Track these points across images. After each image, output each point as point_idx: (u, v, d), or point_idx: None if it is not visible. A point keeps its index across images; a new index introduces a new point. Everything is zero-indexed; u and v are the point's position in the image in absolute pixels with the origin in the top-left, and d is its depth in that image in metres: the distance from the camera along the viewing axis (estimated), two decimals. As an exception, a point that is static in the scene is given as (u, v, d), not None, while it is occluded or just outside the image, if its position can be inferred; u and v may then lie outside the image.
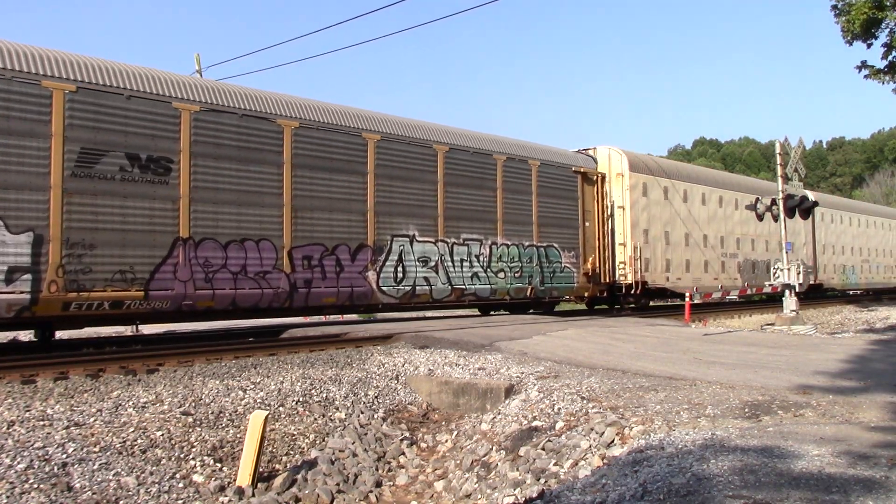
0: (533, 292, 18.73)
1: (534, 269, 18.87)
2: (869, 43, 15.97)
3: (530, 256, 18.76)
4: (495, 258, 17.79)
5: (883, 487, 4.16)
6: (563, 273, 19.78)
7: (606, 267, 20.83)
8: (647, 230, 22.13)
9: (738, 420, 6.31)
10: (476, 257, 17.26)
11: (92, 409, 7.44)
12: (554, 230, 19.64)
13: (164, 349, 11.39)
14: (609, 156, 22.02)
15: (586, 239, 20.43)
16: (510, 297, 18.26)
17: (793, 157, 19.86)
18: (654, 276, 22.31)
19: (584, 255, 20.32)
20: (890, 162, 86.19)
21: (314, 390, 8.98)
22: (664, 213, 23.15)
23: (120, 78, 12.02)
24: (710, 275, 25.39)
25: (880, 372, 9.02)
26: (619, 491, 4.71)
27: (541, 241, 19.18)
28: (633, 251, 21.45)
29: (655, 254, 22.45)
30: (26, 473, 5.85)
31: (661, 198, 23.08)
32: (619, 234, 21.46)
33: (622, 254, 21.40)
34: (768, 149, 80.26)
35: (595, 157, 21.87)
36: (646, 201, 22.31)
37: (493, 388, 8.98)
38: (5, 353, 11.11)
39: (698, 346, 12.18)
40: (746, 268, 27.43)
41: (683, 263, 23.92)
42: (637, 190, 21.98)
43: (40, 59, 11.21)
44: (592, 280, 20.49)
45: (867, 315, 27.67)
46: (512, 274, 18.20)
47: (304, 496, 6.72)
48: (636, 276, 21.31)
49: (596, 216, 20.78)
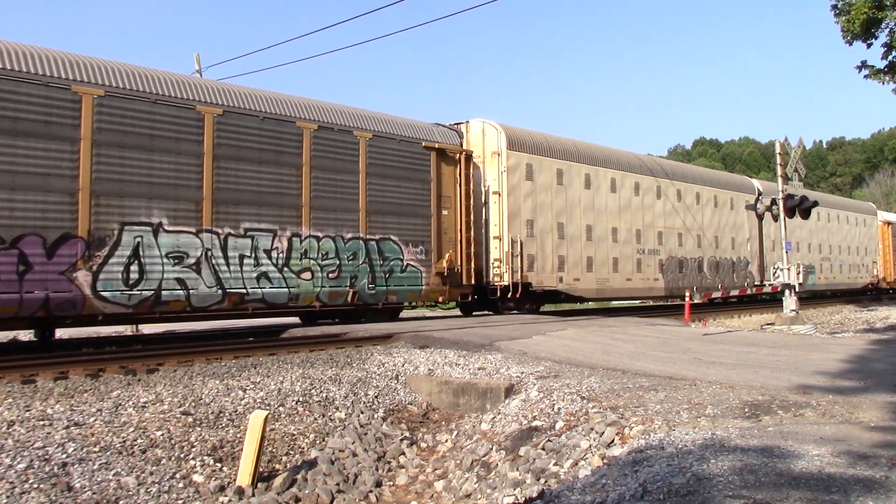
0: (356, 297, 15.10)
1: (359, 267, 15.25)
2: (869, 43, 16.01)
3: (354, 252, 15.14)
4: (297, 254, 14.14)
5: (883, 487, 4.16)
6: (406, 273, 16.16)
7: (471, 266, 17.36)
8: (531, 221, 18.88)
9: (738, 420, 6.31)
10: (266, 253, 13.64)
11: (92, 408, 7.44)
12: (392, 219, 15.97)
13: (164, 349, 11.39)
14: (483, 131, 18.54)
15: (442, 231, 16.69)
16: (321, 303, 14.64)
17: (793, 157, 19.86)
18: (541, 276, 19.08)
19: (437, 251, 16.58)
20: (890, 162, 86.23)
21: (314, 390, 8.98)
22: (557, 200, 19.83)
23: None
24: (621, 275, 21.98)
25: (880, 372, 9.02)
26: (619, 491, 4.71)
27: (372, 233, 15.52)
28: (511, 246, 18.14)
29: (543, 250, 19.17)
30: (26, 473, 5.86)
31: (552, 182, 19.71)
32: (495, 226, 18.17)
33: (498, 250, 18.09)
34: (768, 149, 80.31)
35: (461, 131, 18.48)
36: (531, 186, 18.97)
37: (493, 388, 8.98)
38: (5, 353, 11.11)
39: (698, 345, 12.18)
40: (671, 266, 24.08)
41: (583, 261, 20.57)
42: (518, 172, 18.70)
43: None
44: (450, 281, 16.85)
45: (867, 315, 27.69)
46: (324, 274, 14.59)
47: (304, 496, 6.71)
48: (515, 277, 18.13)
49: (458, 203, 17.04)
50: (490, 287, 18.04)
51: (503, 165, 18.32)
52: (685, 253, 24.81)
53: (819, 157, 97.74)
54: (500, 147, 18.37)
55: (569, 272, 19.97)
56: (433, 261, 16.57)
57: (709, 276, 25.87)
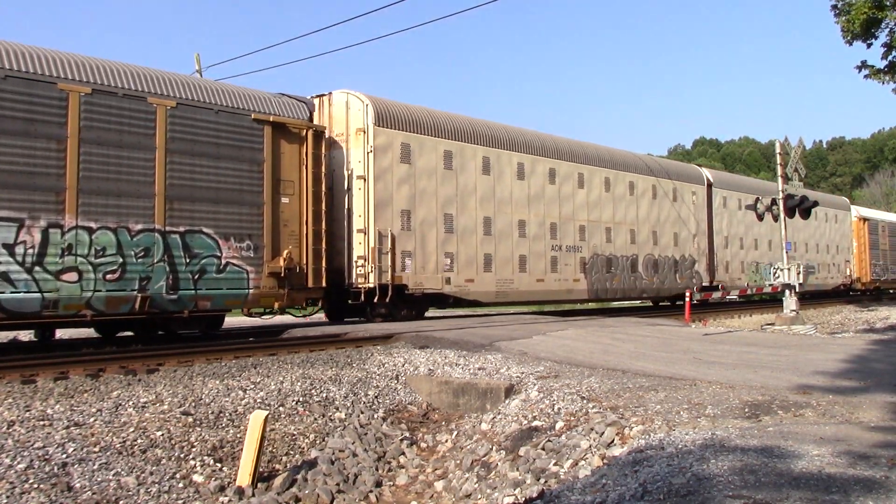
0: (149, 303, 12.14)
1: (153, 266, 12.23)
2: (869, 43, 16.00)
3: (146, 247, 12.19)
4: (57, 249, 11.23)
5: (883, 487, 4.16)
6: (225, 273, 13.09)
7: (321, 264, 14.39)
8: (407, 211, 16.08)
9: (738, 420, 6.32)
10: (6, 248, 10.76)
11: (92, 409, 7.44)
12: (206, 208, 12.96)
13: (164, 349, 11.39)
14: (346, 104, 15.84)
15: (280, 222, 13.76)
16: (95, 311, 11.60)
17: (793, 157, 19.87)
18: (421, 276, 16.23)
19: (272, 247, 13.63)
20: (890, 162, 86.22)
21: (314, 390, 8.98)
22: (445, 188, 17.04)
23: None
24: (530, 275, 19.05)
25: (880, 372, 9.03)
26: (619, 491, 4.71)
27: (174, 225, 12.55)
28: (379, 241, 15.34)
29: (424, 246, 16.34)
30: (26, 473, 5.86)
31: (437, 166, 16.94)
32: (359, 217, 15.43)
33: (363, 245, 15.31)
34: (768, 149, 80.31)
35: (311, 103, 15.53)
36: (407, 170, 16.20)
37: (493, 388, 8.98)
38: (5, 353, 11.11)
39: (698, 346, 12.19)
40: (597, 266, 21.08)
41: (479, 259, 17.71)
42: (390, 153, 15.91)
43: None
44: (291, 283, 13.89)
45: (867, 315, 27.71)
46: (99, 275, 11.62)
47: (304, 496, 6.72)
48: (383, 278, 15.35)
49: (304, 189, 14.19)
50: (353, 290, 15.29)
51: (369, 145, 15.49)
52: (615, 250, 21.75)
53: (819, 157, 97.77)
54: (366, 123, 15.52)
55: (459, 272, 17.12)
56: (266, 259, 13.45)
57: (645, 276, 22.88)
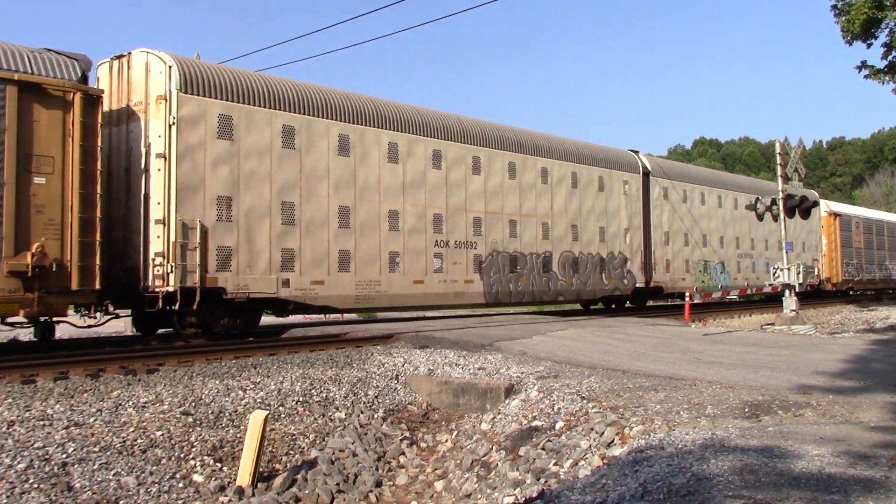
0: None
1: None
2: (869, 43, 16.00)
3: None
4: None
5: (883, 487, 4.16)
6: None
7: (93, 262, 11.42)
8: (228, 199, 13.17)
9: (738, 420, 6.32)
10: None
11: (92, 408, 7.44)
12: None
13: (164, 349, 11.40)
14: (147, 65, 12.83)
15: (29, 208, 10.99)
16: None
17: (793, 157, 19.89)
18: (247, 278, 13.24)
19: (16, 239, 10.77)
20: (890, 162, 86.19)
21: (314, 390, 8.98)
22: (284, 170, 14.09)
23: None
24: (406, 276, 16.04)
25: (880, 372, 9.02)
26: (619, 491, 4.71)
27: None
28: (183, 234, 12.45)
29: (252, 241, 13.42)
30: (26, 473, 5.86)
31: (273, 144, 13.98)
32: (158, 206, 12.44)
33: (161, 240, 12.37)
34: (768, 149, 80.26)
35: (87, 61, 12.24)
36: (228, 148, 13.23)
37: (493, 388, 8.98)
38: (5, 353, 11.10)
39: (698, 346, 12.19)
40: (496, 265, 18.01)
41: (331, 257, 14.70)
42: (202, 127, 12.95)
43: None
44: (45, 286, 10.98)
45: (867, 315, 27.67)
46: None
47: (304, 496, 6.72)
48: (190, 279, 12.43)
49: (69, 167, 11.31)
50: (149, 294, 12.28)
51: (172, 115, 12.52)
52: (522, 247, 18.71)
53: (819, 157, 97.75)
54: (168, 88, 12.55)
55: (304, 272, 14.17)
56: (4, 254, 10.76)
57: (561, 276, 19.72)
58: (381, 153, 15.89)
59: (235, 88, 13.62)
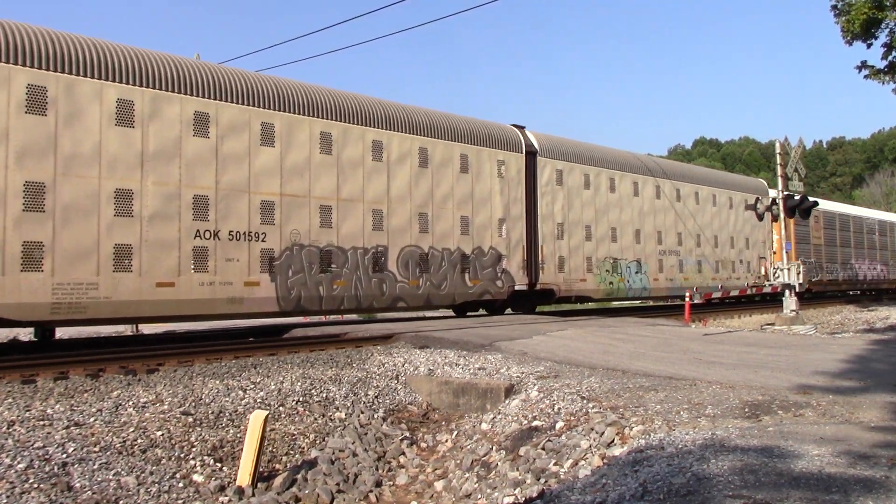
0: None
1: None
2: (869, 43, 16.03)
3: None
4: None
5: (883, 487, 4.16)
6: None
7: None
8: None
9: (738, 420, 6.31)
10: None
11: (92, 408, 7.44)
12: None
13: (164, 349, 11.40)
14: None
15: None
16: None
17: (793, 156, 19.88)
18: None
19: None
20: (890, 162, 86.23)
21: (314, 390, 8.98)
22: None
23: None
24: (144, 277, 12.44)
25: (880, 372, 9.02)
26: (619, 491, 4.71)
27: None
28: None
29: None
30: (26, 473, 5.86)
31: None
32: None
33: None
34: (768, 149, 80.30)
35: None
36: None
37: (493, 388, 8.98)
38: (5, 353, 11.11)
39: (698, 346, 12.19)
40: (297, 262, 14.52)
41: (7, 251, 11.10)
42: None
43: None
44: None
45: (867, 315, 27.67)
46: None
47: (304, 496, 6.72)
48: None
49: None
50: None
51: None
52: (339, 240, 15.27)
53: (819, 157, 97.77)
54: None
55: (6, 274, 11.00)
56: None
57: (401, 276, 16.27)
58: (105, 113, 12.31)
59: None
